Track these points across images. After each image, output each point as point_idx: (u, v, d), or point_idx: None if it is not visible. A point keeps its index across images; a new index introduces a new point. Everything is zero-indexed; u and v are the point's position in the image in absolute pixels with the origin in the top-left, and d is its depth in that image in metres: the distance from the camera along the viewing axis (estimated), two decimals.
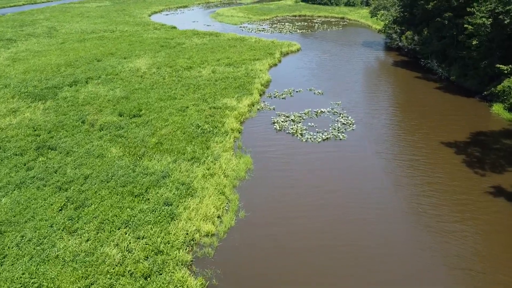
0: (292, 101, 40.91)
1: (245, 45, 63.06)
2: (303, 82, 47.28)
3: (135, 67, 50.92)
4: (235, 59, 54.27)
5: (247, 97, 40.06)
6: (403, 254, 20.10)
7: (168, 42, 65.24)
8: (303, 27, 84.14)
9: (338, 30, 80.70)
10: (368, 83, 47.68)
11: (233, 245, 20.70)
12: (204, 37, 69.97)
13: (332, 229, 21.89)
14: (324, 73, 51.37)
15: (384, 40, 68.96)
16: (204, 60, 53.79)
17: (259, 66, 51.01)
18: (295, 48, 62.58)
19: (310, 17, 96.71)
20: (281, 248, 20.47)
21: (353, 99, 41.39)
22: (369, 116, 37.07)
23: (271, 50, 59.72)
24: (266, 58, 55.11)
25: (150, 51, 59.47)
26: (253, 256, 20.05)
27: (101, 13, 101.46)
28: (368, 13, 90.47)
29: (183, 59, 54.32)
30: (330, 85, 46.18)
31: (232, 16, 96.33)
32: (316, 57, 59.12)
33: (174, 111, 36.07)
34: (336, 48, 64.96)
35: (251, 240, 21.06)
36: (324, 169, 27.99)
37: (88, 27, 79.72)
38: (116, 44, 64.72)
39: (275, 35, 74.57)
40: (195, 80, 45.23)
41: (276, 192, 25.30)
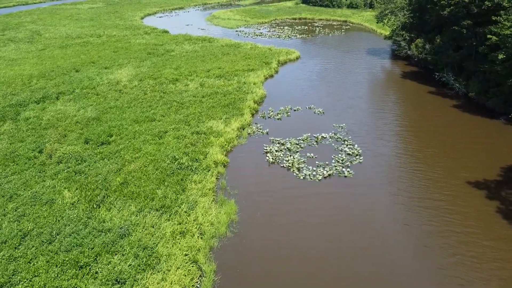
0: (288, 123, 35.19)
1: (240, 52, 57.32)
2: (302, 97, 41.55)
3: (115, 79, 45.25)
4: (227, 69, 48.55)
5: (237, 119, 34.37)
6: None
7: (156, 49, 59.54)
8: (303, 31, 78.34)
9: (341, 34, 74.87)
10: (375, 99, 41.92)
11: None
12: (196, 43, 64.24)
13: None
14: (325, 86, 45.62)
15: (391, 47, 63.12)
16: (192, 71, 48.10)
17: (253, 79, 45.27)
18: (294, 56, 56.82)
19: (311, 20, 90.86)
20: None
21: (359, 120, 35.67)
22: (378, 143, 31.34)
23: (268, 58, 53.97)
24: (261, 69, 49.38)
25: (135, 59, 53.78)
26: None
27: (92, 15, 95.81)
28: (374, 18, 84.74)
29: (170, 70, 48.63)
30: (332, 101, 40.45)
31: (228, 19, 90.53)
32: (317, 67, 53.36)
33: (150, 138, 30.37)
34: (339, 56, 59.17)
35: None
36: (326, 223, 22.28)
37: (74, 31, 74.06)
38: (100, 51, 59.06)
39: (273, 41, 68.78)
40: (180, 96, 39.51)
41: (265, 260, 19.62)
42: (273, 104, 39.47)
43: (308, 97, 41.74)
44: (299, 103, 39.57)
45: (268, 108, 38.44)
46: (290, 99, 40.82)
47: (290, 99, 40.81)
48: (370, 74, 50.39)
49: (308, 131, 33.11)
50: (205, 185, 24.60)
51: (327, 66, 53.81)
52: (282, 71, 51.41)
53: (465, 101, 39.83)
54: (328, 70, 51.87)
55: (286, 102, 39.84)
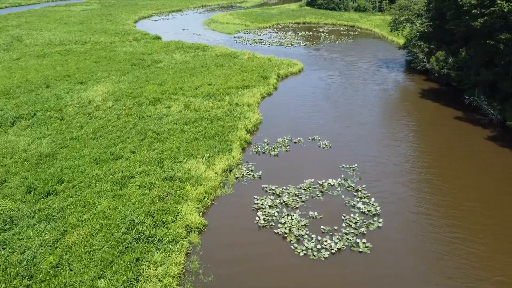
0: (287, 161, 28.16)
1: (235, 64, 50.31)
2: (304, 123, 34.52)
3: (88, 98, 38.43)
4: (218, 86, 41.59)
5: (224, 156, 27.40)
6: None
7: (143, 59, 52.66)
8: (307, 37, 71.17)
9: (348, 42, 67.60)
10: (390, 125, 34.78)
11: None
12: (189, 51, 57.30)
13: None
14: (332, 107, 38.54)
15: (405, 57, 55.89)
16: (179, 88, 41.17)
17: (248, 98, 38.28)
18: (296, 69, 49.70)
19: (316, 25, 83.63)
20: None
21: (373, 156, 28.58)
22: (400, 192, 24.28)
23: (266, 72, 46.94)
24: (258, 85, 42.37)
25: (116, 72, 46.92)
26: None
27: (83, 18, 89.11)
28: (384, 22, 77.52)
29: (153, 86, 41.73)
30: (340, 129, 33.40)
31: (227, 23, 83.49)
32: (322, 82, 46.26)
33: (109, 187, 23.48)
34: (346, 68, 52.00)
35: None
36: None
37: (59, 37, 67.32)
38: (80, 61, 52.27)
39: (274, 49, 61.69)
40: (158, 123, 32.58)
41: None
42: (269, 133, 32.48)
43: (311, 122, 34.69)
44: (301, 132, 32.53)
45: (263, 139, 31.39)
46: (290, 126, 33.79)
47: (290, 126, 33.78)
48: (383, 92, 43.23)
49: (311, 174, 26.07)
50: (168, 270, 17.65)
51: (333, 81, 46.70)
52: (282, 87, 44.33)
53: (502, 131, 32.63)
54: (334, 86, 44.75)
55: (285, 130, 32.81)
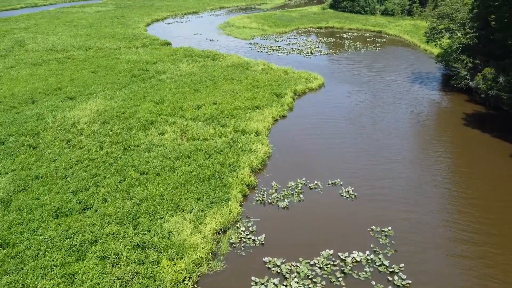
0: (299, 219, 21.74)
1: (247, 77, 44.09)
2: (323, 158, 28.05)
3: (73, 118, 32.91)
4: (224, 105, 35.51)
5: (218, 210, 21.22)
6: None
7: (146, 70, 47.02)
8: (329, 44, 64.32)
9: (375, 50, 60.42)
10: (428, 163, 27.89)
11: None
12: (197, 60, 51.39)
13: None
14: (356, 135, 31.91)
15: (441, 71, 48.60)
16: (178, 107, 35.28)
17: (257, 123, 32.04)
18: (315, 84, 43.10)
19: (339, 30, 76.57)
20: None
21: (410, 212, 21.95)
22: (455, 281, 17.56)
23: (281, 87, 40.59)
24: (270, 105, 36.10)
25: (113, 85, 41.37)
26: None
27: (95, 20, 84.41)
28: (414, 28, 69.98)
29: (150, 104, 35.96)
30: (366, 167, 26.78)
31: (243, 27, 77.29)
32: (345, 100, 39.60)
33: (59, 260, 17.56)
34: (373, 83, 45.12)
35: None
36: None
37: (63, 42, 62.44)
38: (76, 71, 47.00)
39: (292, 58, 55.18)
40: (144, 158, 26.61)
41: None
42: (279, 172, 26.13)
43: (331, 157, 28.17)
44: (318, 172, 26.05)
45: (270, 181, 25.02)
46: (306, 162, 27.34)
47: (305, 162, 27.34)
48: (417, 115, 36.27)
49: (329, 241, 19.63)
50: None
51: (359, 99, 39.96)
52: (299, 108, 37.85)
53: None
54: (359, 106, 38.03)
55: (299, 169, 26.39)
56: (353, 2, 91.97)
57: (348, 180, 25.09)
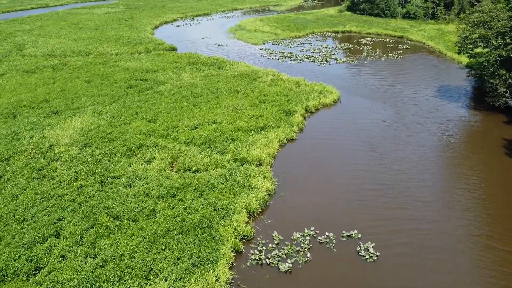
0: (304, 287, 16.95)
1: (254, 89, 39.38)
2: (337, 200, 23.14)
3: (52, 139, 28.73)
4: (224, 125, 30.88)
5: (201, 276, 16.57)
6: None
7: (144, 80, 42.73)
8: (347, 51, 59.09)
9: (397, 59, 54.95)
10: (461, 205, 22.76)
11: None
12: (202, 69, 46.87)
13: None
14: (377, 166, 26.88)
15: (473, 84, 43.07)
16: (172, 127, 30.79)
17: (260, 149, 27.33)
18: (330, 100, 38.08)
19: (358, 35, 71.15)
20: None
21: (446, 282, 16.91)
22: None
23: (291, 103, 35.81)
24: (278, 125, 31.34)
25: (104, 98, 37.17)
26: None
27: (102, 22, 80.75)
28: (439, 33, 64.21)
29: (141, 122, 31.57)
30: (389, 212, 21.84)
31: (255, 30, 72.47)
32: (364, 119, 34.57)
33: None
34: (396, 98, 39.89)
35: None
36: None
37: (63, 46, 58.69)
38: (70, 80, 42.96)
39: (305, 67, 50.23)
40: (122, 196, 22.11)
41: None
42: (282, 217, 21.37)
43: (347, 197, 23.25)
44: (331, 220, 21.18)
45: (271, 232, 20.23)
46: (316, 205, 22.48)
47: (315, 205, 22.48)
48: (446, 139, 31.06)
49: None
50: None
51: (379, 117, 34.87)
52: (310, 128, 32.94)
53: None
54: (380, 127, 32.95)
55: (307, 214, 21.57)
56: (372, 4, 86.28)
57: (368, 231, 20.15)
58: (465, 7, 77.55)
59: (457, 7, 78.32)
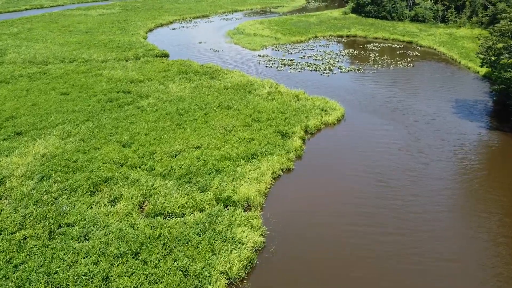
0: None
1: (248, 104, 34.75)
2: (341, 255, 18.47)
3: (6, 169, 24.27)
4: (210, 151, 26.27)
5: None
6: None
7: (127, 92, 38.25)
8: (352, 58, 54.31)
9: (407, 68, 50.09)
10: (493, 261, 18.05)
11: None
12: (192, 79, 42.28)
13: None
14: (390, 207, 22.16)
15: (493, 98, 38.26)
16: (149, 153, 26.23)
17: (250, 186, 22.69)
18: (333, 117, 33.31)
19: (363, 39, 66.28)
20: None
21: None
22: None
23: (289, 122, 31.16)
24: (272, 151, 26.69)
25: (78, 115, 32.66)
26: None
27: (94, 25, 76.27)
28: (451, 39, 59.28)
29: (114, 147, 27.02)
30: (409, 275, 17.11)
31: (254, 34, 67.72)
32: (371, 142, 29.85)
33: None
34: (407, 115, 35.13)
35: None
36: None
37: (47, 52, 54.25)
38: (45, 92, 38.49)
39: (306, 76, 45.53)
40: (71, 255, 17.50)
41: None
42: (272, 282, 16.70)
43: (353, 253, 18.57)
44: (335, 280, 16.50)
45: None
46: (312, 266, 17.81)
47: (311, 266, 17.81)
48: (467, 167, 26.24)
49: None
50: None
51: (389, 140, 30.16)
52: (310, 153, 28.21)
53: None
54: (391, 152, 28.23)
55: (302, 282, 16.87)
56: (378, 6, 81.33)
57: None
58: (478, 10, 72.52)
59: (468, 9, 73.28)
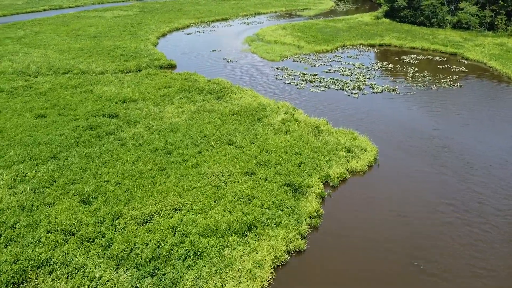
0: None
1: (255, 138, 27.39)
2: None
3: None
4: (192, 217, 19.16)
5: None
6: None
7: (113, 116, 31.68)
8: (386, 73, 46.07)
9: (453, 88, 41.45)
10: None
11: None
12: (195, 99, 35.29)
13: None
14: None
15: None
16: (112, 216, 19.42)
17: (238, 286, 15.27)
18: (363, 163, 25.34)
19: (398, 49, 57.67)
20: None
21: None
22: None
23: (304, 169, 23.67)
24: (277, 220, 19.24)
25: (46, 148, 26.15)
26: None
27: (105, 28, 70.63)
28: (503, 50, 50.01)
29: (71, 203, 20.32)
30: None
31: (275, 42, 60.18)
32: (409, 200, 21.89)
33: None
34: (459, 159, 26.86)
35: None
36: None
37: (43, 60, 48.55)
38: (19, 113, 32.39)
39: (331, 97, 37.73)
40: None
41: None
42: None
43: None
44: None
45: None
46: None
47: None
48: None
49: None
50: None
51: (437, 201, 22.07)
52: (329, 222, 20.51)
53: None
54: (439, 222, 20.22)
55: None
56: (415, 11, 72.19)
57: None
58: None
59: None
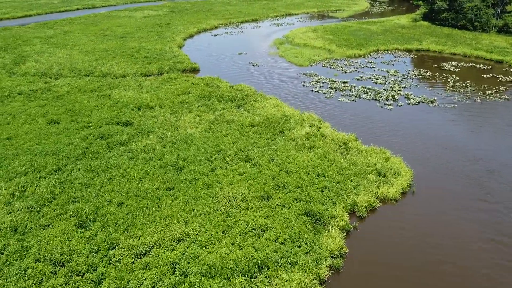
0: None
1: (276, 153, 24.77)
2: None
3: None
4: (196, 251, 16.83)
5: None
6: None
7: (126, 124, 29.89)
8: (423, 81, 42.28)
9: (500, 101, 37.27)
10: None
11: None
12: (214, 107, 33.04)
13: None
14: None
15: None
16: (109, 244, 17.44)
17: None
18: (395, 190, 22.18)
19: (437, 55, 53.43)
20: None
21: None
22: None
23: (327, 195, 20.82)
24: (292, 259, 16.50)
25: (51, 159, 24.59)
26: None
27: (133, 28, 69.79)
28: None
29: (67, 225, 18.48)
30: None
31: (304, 45, 57.21)
32: (450, 237, 18.60)
33: None
34: (507, 187, 23.20)
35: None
36: None
37: (67, 62, 47.71)
38: (32, 119, 31.16)
39: (361, 110, 34.51)
40: None
41: None
42: None
43: None
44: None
45: None
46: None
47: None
48: None
49: None
50: None
51: (484, 237, 18.70)
52: (355, 261, 17.59)
53: None
54: (485, 267, 16.85)
55: None
56: (457, 13, 67.26)
57: None
58: None
59: None
